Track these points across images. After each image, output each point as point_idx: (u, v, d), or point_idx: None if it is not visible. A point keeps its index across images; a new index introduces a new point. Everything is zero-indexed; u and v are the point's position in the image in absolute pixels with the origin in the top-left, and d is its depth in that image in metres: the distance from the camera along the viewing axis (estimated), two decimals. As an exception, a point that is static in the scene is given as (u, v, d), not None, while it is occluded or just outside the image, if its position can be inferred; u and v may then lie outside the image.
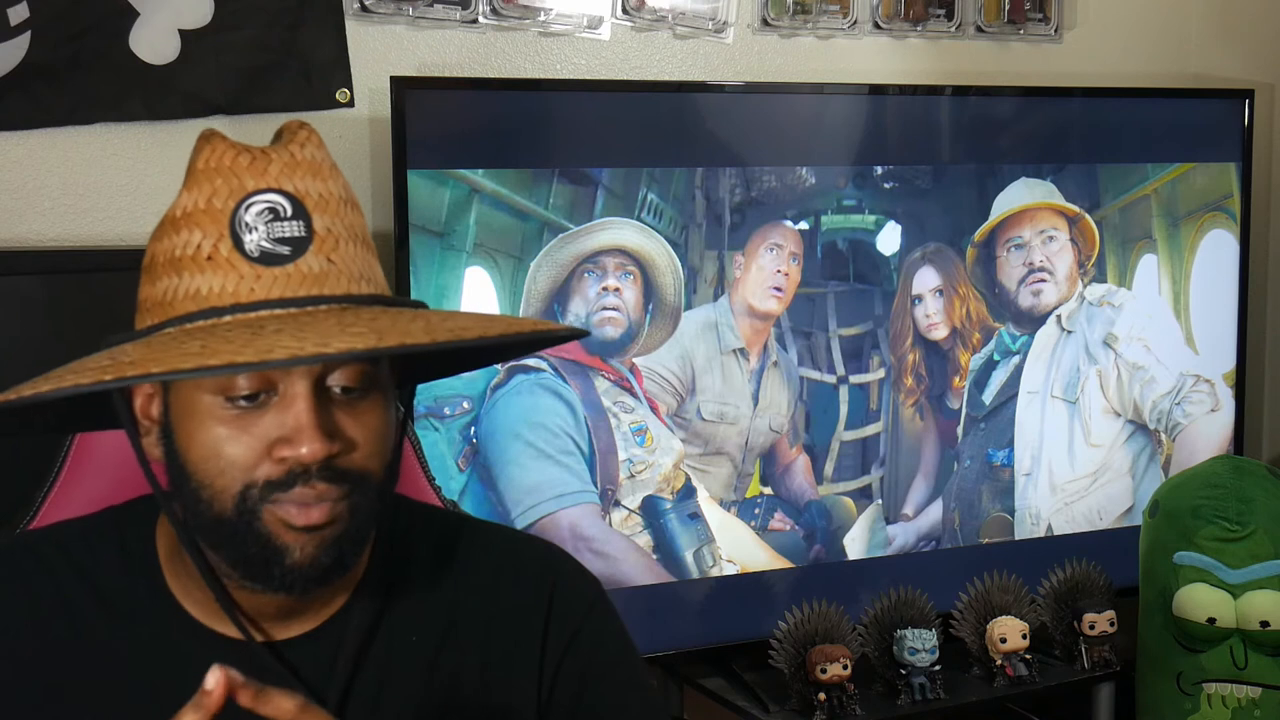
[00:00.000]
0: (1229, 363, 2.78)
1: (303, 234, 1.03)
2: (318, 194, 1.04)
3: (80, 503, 1.33)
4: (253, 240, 1.02)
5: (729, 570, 2.39)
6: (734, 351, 2.38)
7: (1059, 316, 2.62)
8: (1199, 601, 2.29)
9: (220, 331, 0.98)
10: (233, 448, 1.02)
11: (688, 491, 2.35)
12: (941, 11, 2.64)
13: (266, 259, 1.02)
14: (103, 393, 1.04)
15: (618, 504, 2.30)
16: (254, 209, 1.02)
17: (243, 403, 1.02)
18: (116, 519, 1.18)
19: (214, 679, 0.89)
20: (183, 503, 1.06)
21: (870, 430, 2.51)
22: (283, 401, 1.02)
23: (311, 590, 1.07)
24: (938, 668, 2.28)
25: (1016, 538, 2.62)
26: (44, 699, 1.10)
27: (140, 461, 1.08)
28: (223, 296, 1.01)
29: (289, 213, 1.03)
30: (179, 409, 1.05)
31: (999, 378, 2.60)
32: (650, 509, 2.32)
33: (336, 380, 1.04)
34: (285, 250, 1.02)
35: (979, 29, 2.69)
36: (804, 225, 2.42)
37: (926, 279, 2.53)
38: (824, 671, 2.18)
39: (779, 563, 2.43)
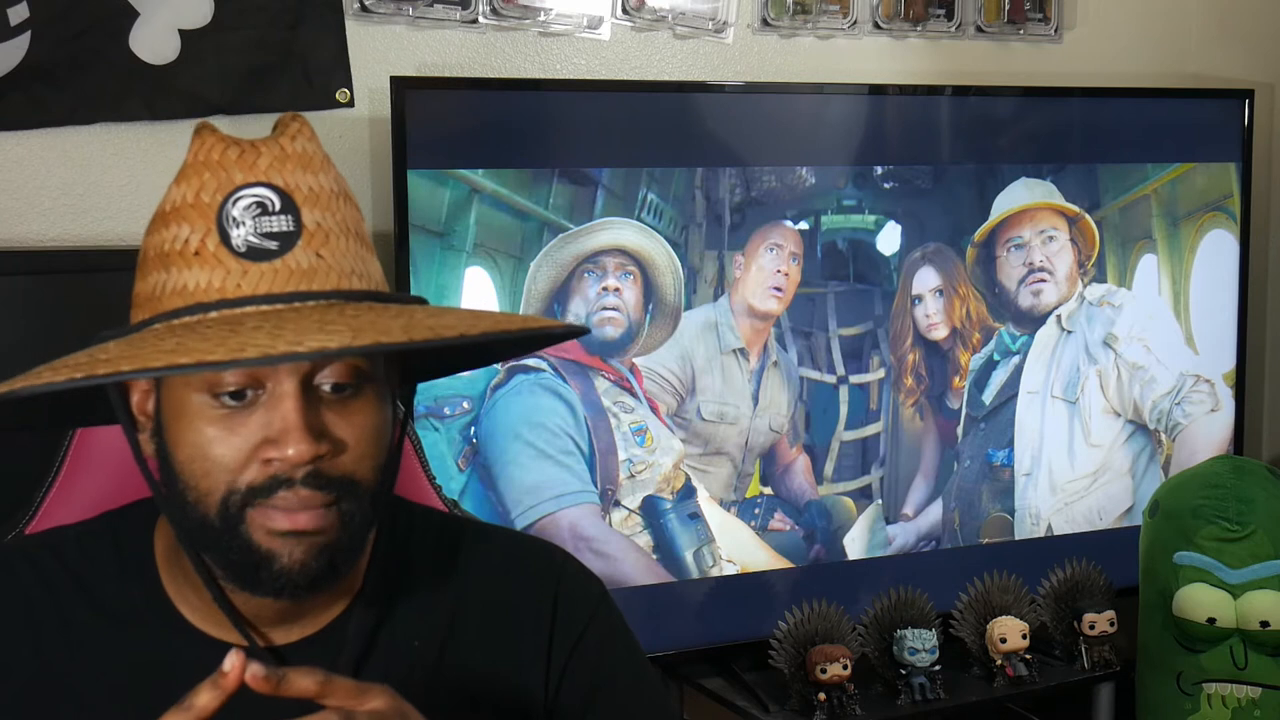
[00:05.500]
0: (1229, 363, 2.78)
1: (291, 229, 1.01)
2: (308, 188, 1.02)
3: (80, 502, 1.32)
4: (240, 235, 1.00)
5: (729, 570, 2.39)
6: (734, 351, 2.38)
7: (1059, 316, 2.62)
8: (1199, 601, 2.29)
9: (200, 329, 0.97)
10: (219, 449, 1.01)
11: (688, 491, 2.35)
12: (941, 11, 2.64)
13: (253, 254, 1.00)
14: (101, 387, 1.04)
15: (618, 504, 2.30)
16: (241, 203, 1.00)
17: (229, 400, 1.00)
18: (113, 524, 1.16)
19: (231, 661, 0.89)
20: (173, 503, 1.04)
21: (870, 430, 2.51)
22: (270, 401, 1.01)
23: (304, 596, 1.05)
24: (938, 668, 2.28)
25: (1016, 538, 2.62)
26: (40, 708, 1.09)
27: (137, 459, 1.07)
28: (209, 292, 1.00)
29: (277, 207, 1.01)
30: (170, 407, 1.04)
31: (999, 378, 2.60)
32: (650, 509, 2.32)
33: (326, 378, 1.02)
34: (273, 245, 1.00)
35: (979, 29, 2.69)
36: (804, 225, 2.42)
37: (926, 279, 2.53)
38: (824, 671, 2.18)
39: (779, 563, 2.43)
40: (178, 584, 1.11)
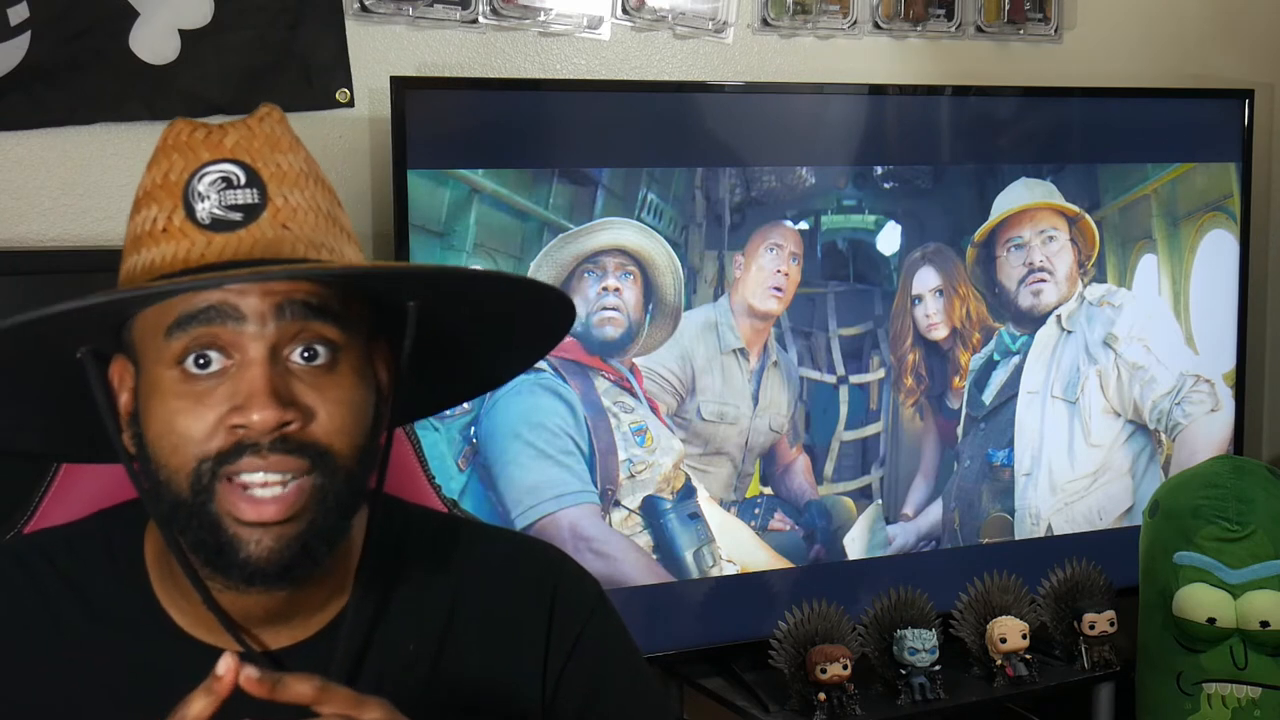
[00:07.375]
0: (1229, 363, 2.78)
1: (256, 201, 1.01)
2: (275, 165, 1.03)
3: (77, 503, 1.31)
4: (204, 208, 1.01)
5: (729, 570, 2.39)
6: (734, 351, 2.38)
7: (1059, 316, 2.62)
8: (1199, 601, 2.29)
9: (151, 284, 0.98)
10: (186, 420, 1.00)
11: (688, 491, 2.35)
12: (941, 11, 2.64)
13: (217, 225, 1.01)
14: (96, 409, 1.04)
15: (618, 504, 2.30)
16: (207, 179, 1.02)
17: (194, 369, 1.00)
18: (104, 525, 1.15)
19: (225, 665, 0.88)
20: (151, 492, 1.03)
21: (870, 430, 2.51)
22: (238, 371, 1.00)
23: (278, 585, 1.03)
24: (938, 668, 2.28)
25: (1016, 538, 2.62)
26: (30, 711, 1.08)
27: (122, 457, 1.06)
28: (174, 263, 1.00)
29: (242, 181, 1.02)
30: (144, 390, 1.03)
31: (999, 378, 2.60)
32: (650, 509, 2.32)
33: (293, 346, 1.01)
34: (237, 216, 1.01)
35: (979, 29, 2.69)
36: (804, 225, 2.42)
37: (926, 279, 2.53)
38: (824, 671, 2.18)
39: (779, 563, 2.43)
40: (167, 588, 1.10)
